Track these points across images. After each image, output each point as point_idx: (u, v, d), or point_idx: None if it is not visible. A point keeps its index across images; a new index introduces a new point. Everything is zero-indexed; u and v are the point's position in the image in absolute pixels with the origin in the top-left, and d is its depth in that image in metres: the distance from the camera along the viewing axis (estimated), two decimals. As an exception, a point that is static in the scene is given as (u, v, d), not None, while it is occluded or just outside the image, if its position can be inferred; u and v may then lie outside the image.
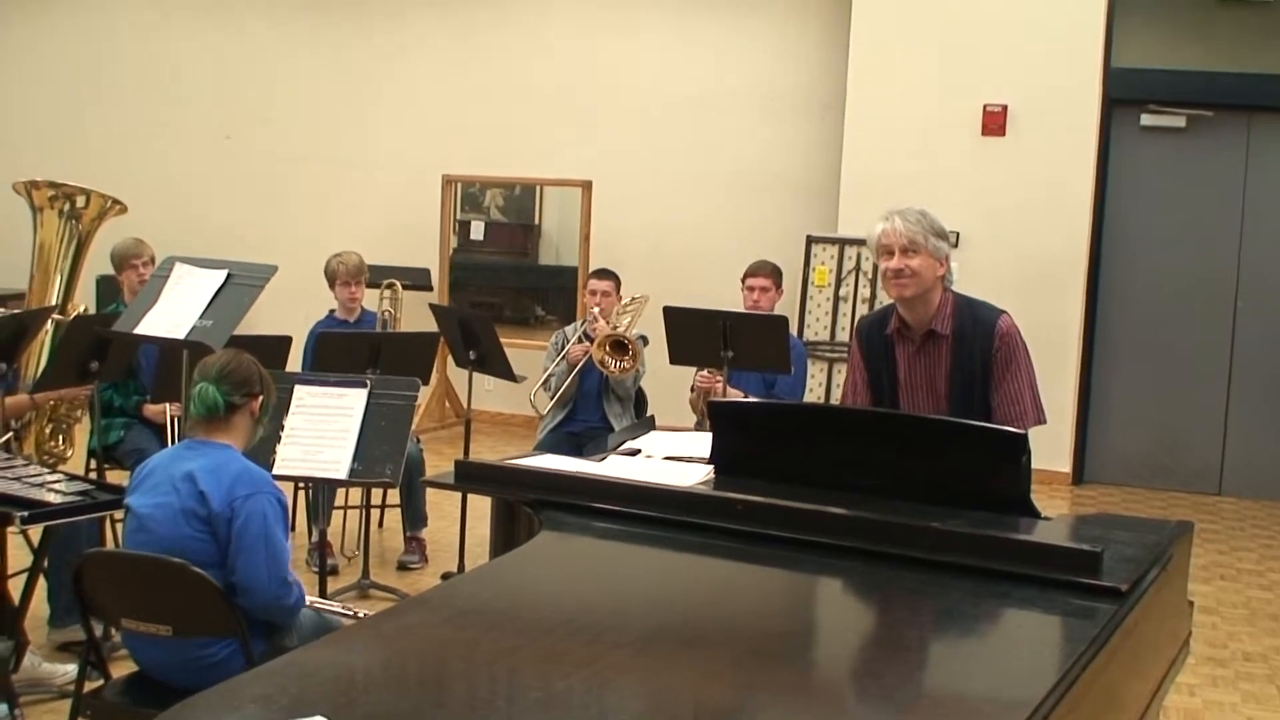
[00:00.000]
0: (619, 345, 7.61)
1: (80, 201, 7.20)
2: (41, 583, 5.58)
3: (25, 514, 4.80)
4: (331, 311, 7.80)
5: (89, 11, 12.80)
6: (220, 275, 5.69)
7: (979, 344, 4.59)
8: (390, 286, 8.44)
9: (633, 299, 8.09)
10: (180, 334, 5.54)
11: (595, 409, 7.80)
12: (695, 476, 4.08)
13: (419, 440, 7.60)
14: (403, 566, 7.37)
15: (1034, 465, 4.04)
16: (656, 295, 8.01)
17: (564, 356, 7.77)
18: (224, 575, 4.15)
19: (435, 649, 2.87)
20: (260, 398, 4.47)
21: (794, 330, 8.98)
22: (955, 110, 10.11)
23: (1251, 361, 10.20)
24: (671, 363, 7.21)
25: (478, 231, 11.94)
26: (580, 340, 7.80)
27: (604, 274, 8.04)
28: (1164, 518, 4.64)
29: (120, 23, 12.69)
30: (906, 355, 4.69)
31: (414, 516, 7.47)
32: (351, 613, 4.63)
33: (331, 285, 7.74)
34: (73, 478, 5.34)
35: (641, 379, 7.89)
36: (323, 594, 5.82)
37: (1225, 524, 9.37)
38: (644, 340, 7.86)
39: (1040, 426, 4.62)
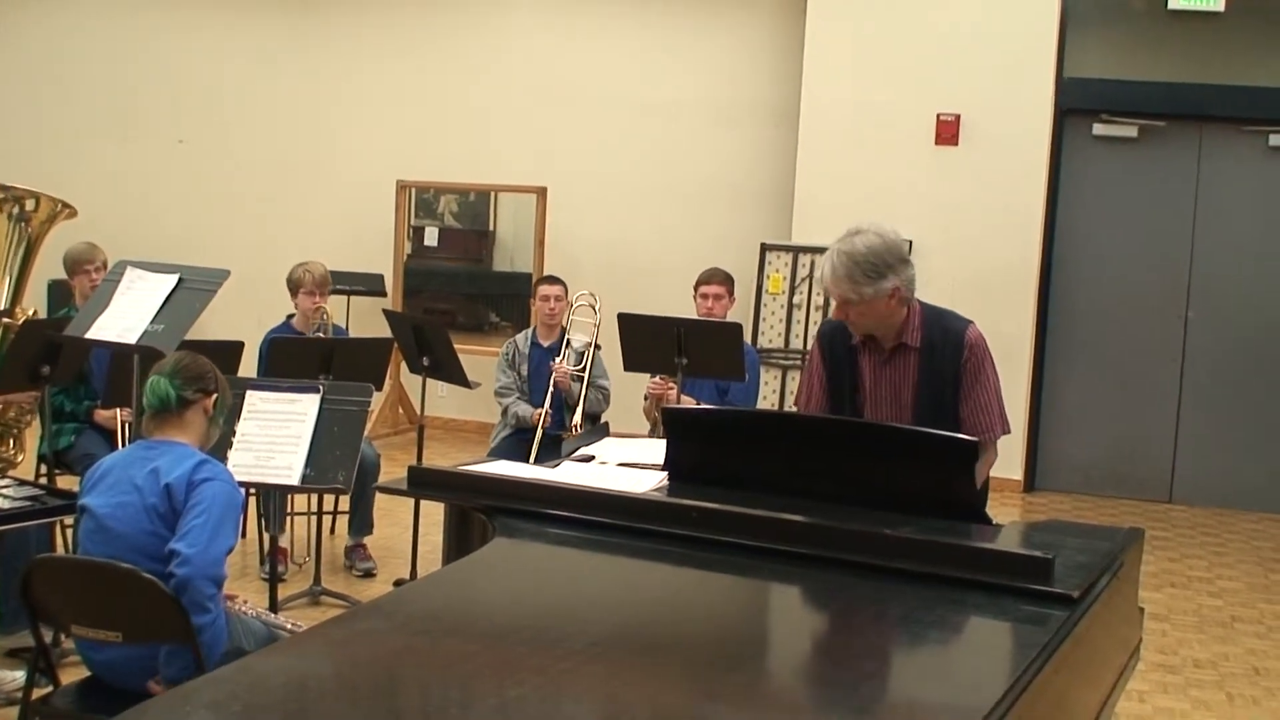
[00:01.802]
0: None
1: (30, 205, 7.15)
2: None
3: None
4: (289, 318, 7.73)
5: (40, 15, 12.70)
6: (172, 280, 5.66)
7: (948, 354, 4.54)
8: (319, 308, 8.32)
9: (580, 295, 8.06)
10: (132, 338, 5.52)
11: (551, 416, 7.78)
12: (649, 483, 4.08)
13: (374, 446, 7.56)
14: (366, 574, 7.32)
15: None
16: (611, 302, 8.01)
17: (518, 420, 7.76)
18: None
19: (388, 656, 2.86)
20: (214, 395, 4.45)
21: (748, 338, 9.00)
22: (908, 120, 10.15)
23: (1202, 370, 10.27)
24: (626, 369, 7.20)
25: (432, 237, 11.89)
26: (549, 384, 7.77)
27: (554, 280, 8.06)
28: (1115, 525, 4.66)
29: (73, 26, 12.60)
30: (873, 366, 4.63)
31: (360, 523, 7.44)
32: (295, 627, 4.60)
33: (294, 294, 7.63)
34: (22, 483, 5.31)
35: (607, 396, 7.89)
36: (273, 600, 5.81)
37: (1176, 532, 9.43)
38: (596, 347, 7.86)
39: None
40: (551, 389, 7.68)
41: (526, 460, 6.98)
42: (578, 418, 7.60)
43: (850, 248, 4.39)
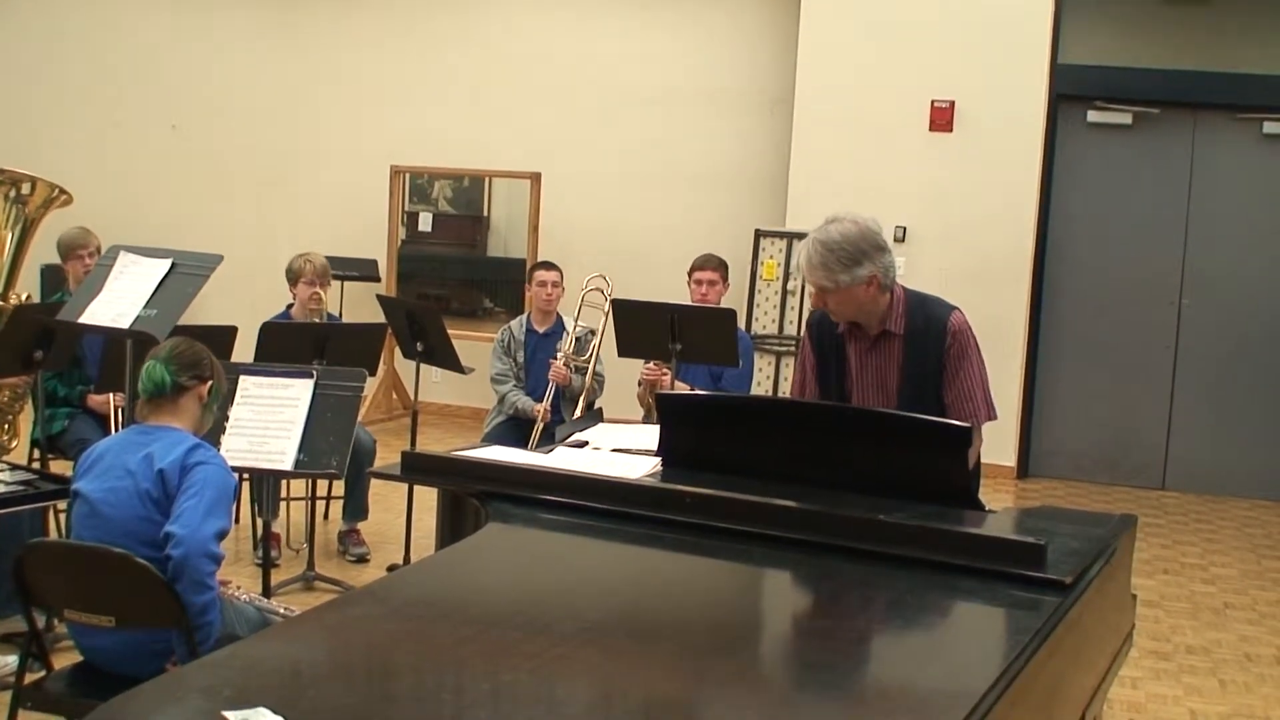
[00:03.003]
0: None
1: (26, 188, 7.12)
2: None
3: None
4: (288, 307, 7.70)
5: (36, 1, 12.70)
6: (165, 264, 5.65)
7: (931, 341, 4.54)
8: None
9: (591, 279, 8.02)
10: (124, 323, 5.51)
11: (551, 414, 7.75)
12: (643, 468, 4.08)
13: (370, 432, 7.55)
14: (360, 559, 7.32)
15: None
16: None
17: (518, 411, 7.75)
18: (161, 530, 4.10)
19: (382, 641, 2.86)
20: (210, 382, 4.43)
21: (742, 324, 9.00)
22: (903, 106, 10.14)
23: (1195, 357, 10.28)
24: (620, 355, 7.20)
25: (426, 223, 11.89)
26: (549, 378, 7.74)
27: (550, 266, 8.05)
28: (1108, 512, 4.66)
29: (66, 11, 12.57)
30: (859, 353, 4.64)
31: (355, 509, 7.43)
32: (288, 612, 4.60)
33: (293, 284, 7.57)
34: (15, 467, 5.30)
35: (602, 383, 7.88)
36: (266, 585, 5.80)
37: (1169, 518, 9.44)
38: (590, 333, 7.85)
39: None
40: (550, 390, 7.66)
41: (520, 446, 6.98)
42: (579, 412, 7.58)
43: (825, 236, 4.43)
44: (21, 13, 12.70)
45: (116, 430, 6.58)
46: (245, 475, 6.88)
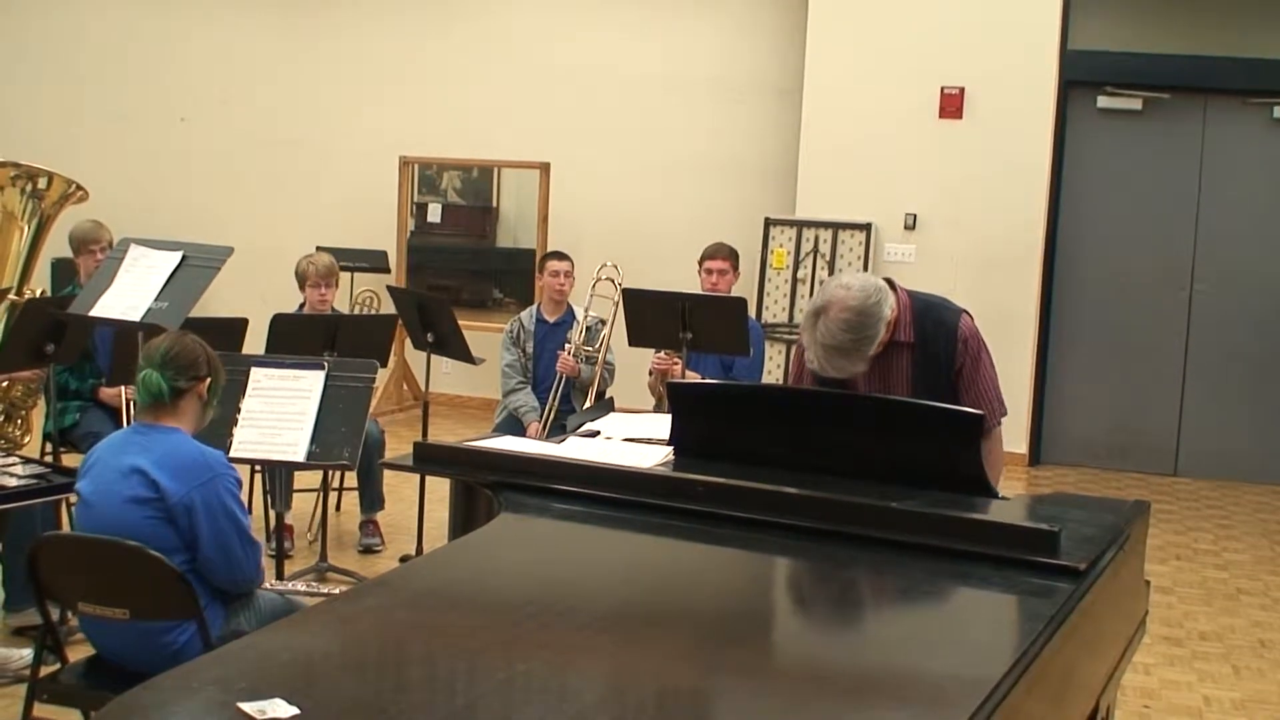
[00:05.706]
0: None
1: (42, 183, 7.12)
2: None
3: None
4: (300, 307, 7.70)
5: (42, -8, 12.69)
6: (175, 257, 5.66)
7: (942, 348, 4.48)
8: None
9: (602, 268, 8.03)
10: (136, 316, 5.52)
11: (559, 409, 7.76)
12: (654, 458, 4.08)
13: (378, 423, 7.55)
14: (367, 550, 7.33)
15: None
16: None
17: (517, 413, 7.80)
18: (189, 561, 4.13)
19: (395, 631, 2.86)
20: (207, 380, 4.37)
21: (752, 312, 8.99)
22: (912, 93, 10.13)
23: (1207, 343, 10.26)
24: (630, 344, 7.21)
25: (435, 214, 11.88)
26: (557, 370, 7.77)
27: (562, 256, 8.04)
28: (1120, 498, 4.65)
29: (76, 6, 12.57)
30: None
31: (371, 499, 7.44)
32: (318, 592, 4.62)
33: (301, 286, 7.59)
34: (28, 461, 5.31)
35: (612, 373, 7.89)
36: (279, 577, 5.82)
37: (1181, 504, 9.42)
38: (600, 322, 7.85)
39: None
40: (560, 381, 7.67)
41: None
42: (590, 402, 7.60)
43: (836, 341, 4.20)
44: (30, 7, 12.70)
45: (128, 422, 6.58)
46: (258, 468, 6.90)
